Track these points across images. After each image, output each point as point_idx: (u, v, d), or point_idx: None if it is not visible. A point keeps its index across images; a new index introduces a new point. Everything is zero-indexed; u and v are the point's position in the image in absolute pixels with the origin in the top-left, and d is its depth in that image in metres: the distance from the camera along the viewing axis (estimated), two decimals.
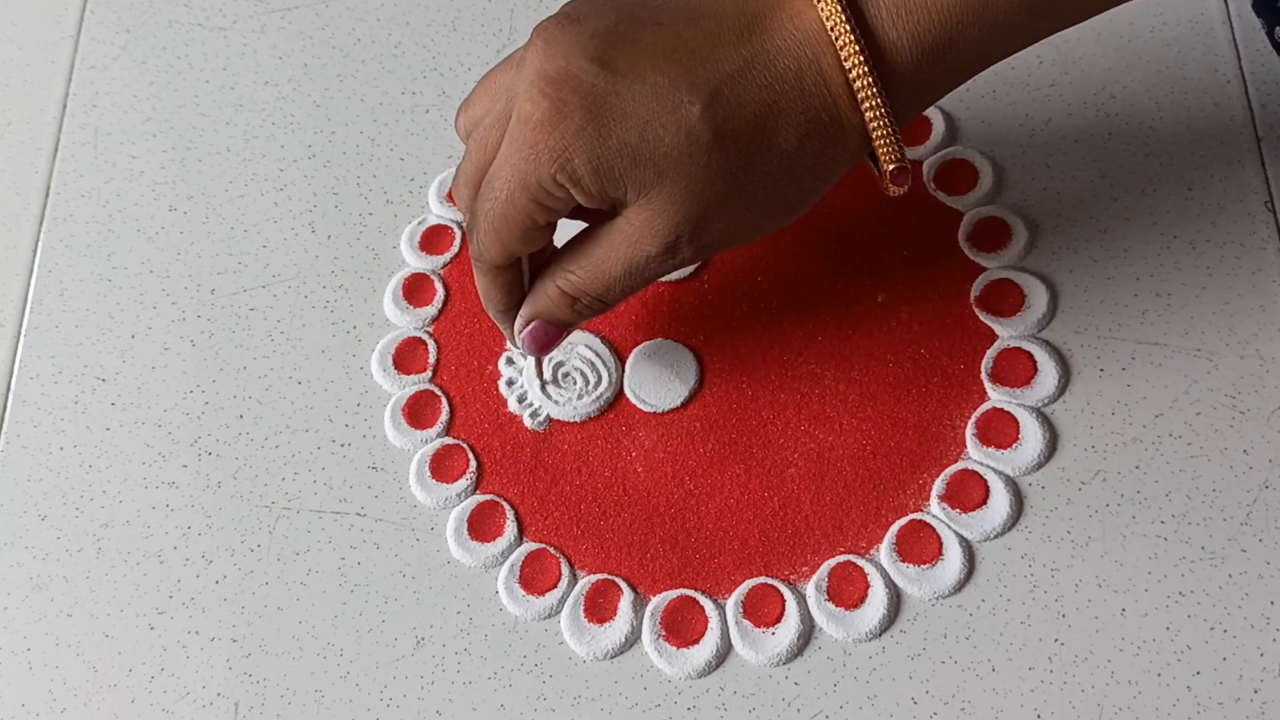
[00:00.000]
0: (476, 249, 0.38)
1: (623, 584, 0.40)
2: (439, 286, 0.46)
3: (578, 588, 0.41)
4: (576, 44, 0.34)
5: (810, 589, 0.40)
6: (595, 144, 0.34)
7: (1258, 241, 0.43)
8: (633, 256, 0.36)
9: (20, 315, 0.48)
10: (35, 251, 0.49)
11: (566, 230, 0.39)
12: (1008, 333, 0.43)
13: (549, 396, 0.42)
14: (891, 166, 0.35)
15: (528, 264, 0.39)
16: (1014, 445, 0.41)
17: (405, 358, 0.45)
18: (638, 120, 0.34)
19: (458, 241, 0.47)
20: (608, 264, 0.37)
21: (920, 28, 0.34)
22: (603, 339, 0.44)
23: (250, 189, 0.50)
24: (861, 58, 0.33)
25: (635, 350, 0.44)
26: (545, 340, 0.40)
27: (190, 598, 0.42)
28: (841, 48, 0.34)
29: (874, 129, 0.34)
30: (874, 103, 0.34)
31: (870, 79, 0.34)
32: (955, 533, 0.40)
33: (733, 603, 0.40)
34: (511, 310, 0.40)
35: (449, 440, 0.44)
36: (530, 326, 0.39)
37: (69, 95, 0.53)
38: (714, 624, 0.39)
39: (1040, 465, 0.41)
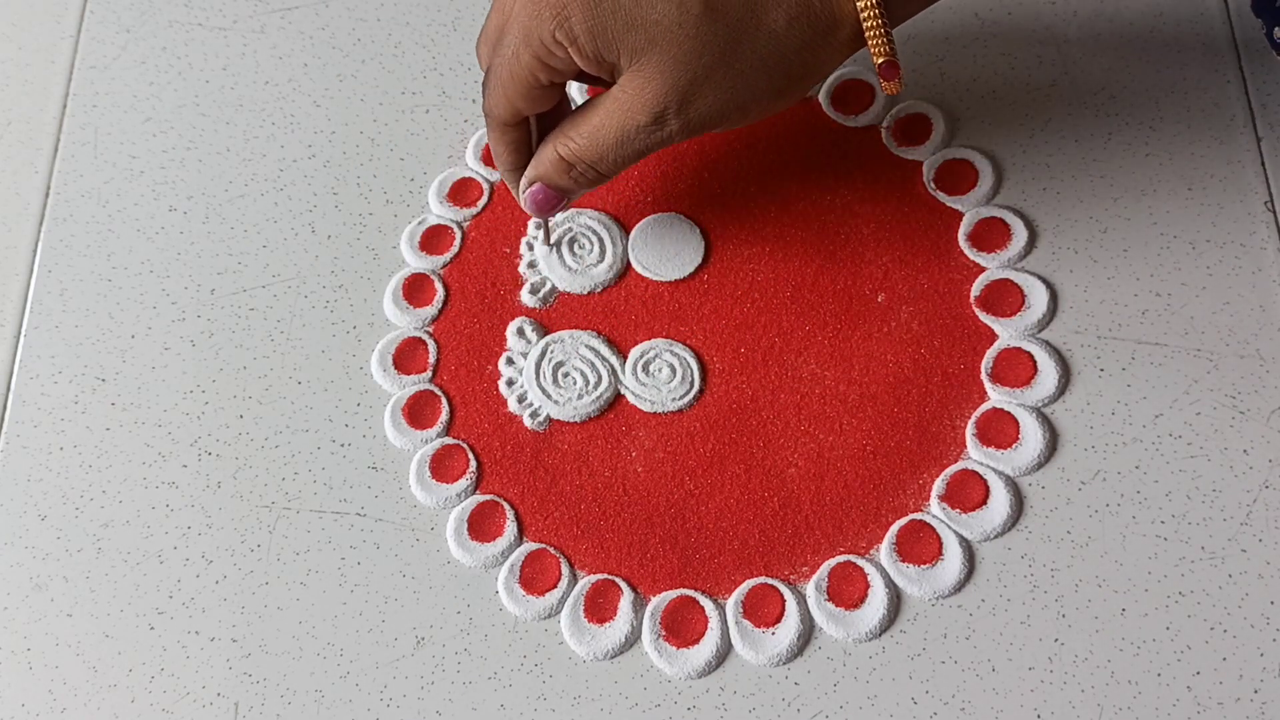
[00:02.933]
0: (487, 104, 0.40)
1: (623, 584, 0.40)
2: (439, 286, 0.46)
3: (578, 588, 0.41)
4: None
5: (810, 589, 0.40)
6: (592, 4, 0.36)
7: (1258, 241, 0.43)
8: (624, 125, 0.38)
9: (20, 315, 0.48)
10: (35, 251, 0.49)
11: None
12: (1008, 333, 0.43)
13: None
14: (881, 60, 0.36)
15: (536, 125, 0.41)
16: (1014, 445, 0.41)
17: (405, 358, 0.45)
18: None
19: (458, 241, 0.47)
20: (602, 132, 0.38)
21: None
22: (603, 338, 0.44)
23: (250, 189, 0.50)
24: None
25: (635, 353, 0.44)
26: (546, 203, 0.41)
27: (190, 598, 0.42)
28: None
29: (865, 19, 0.36)
30: None
31: None
32: (955, 533, 0.40)
33: (733, 603, 0.40)
34: (518, 170, 0.42)
35: (449, 440, 0.44)
36: (532, 188, 0.41)
37: (69, 95, 0.53)
38: (714, 624, 0.39)
39: (1040, 465, 0.41)
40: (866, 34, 0.36)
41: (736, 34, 0.36)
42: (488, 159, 0.49)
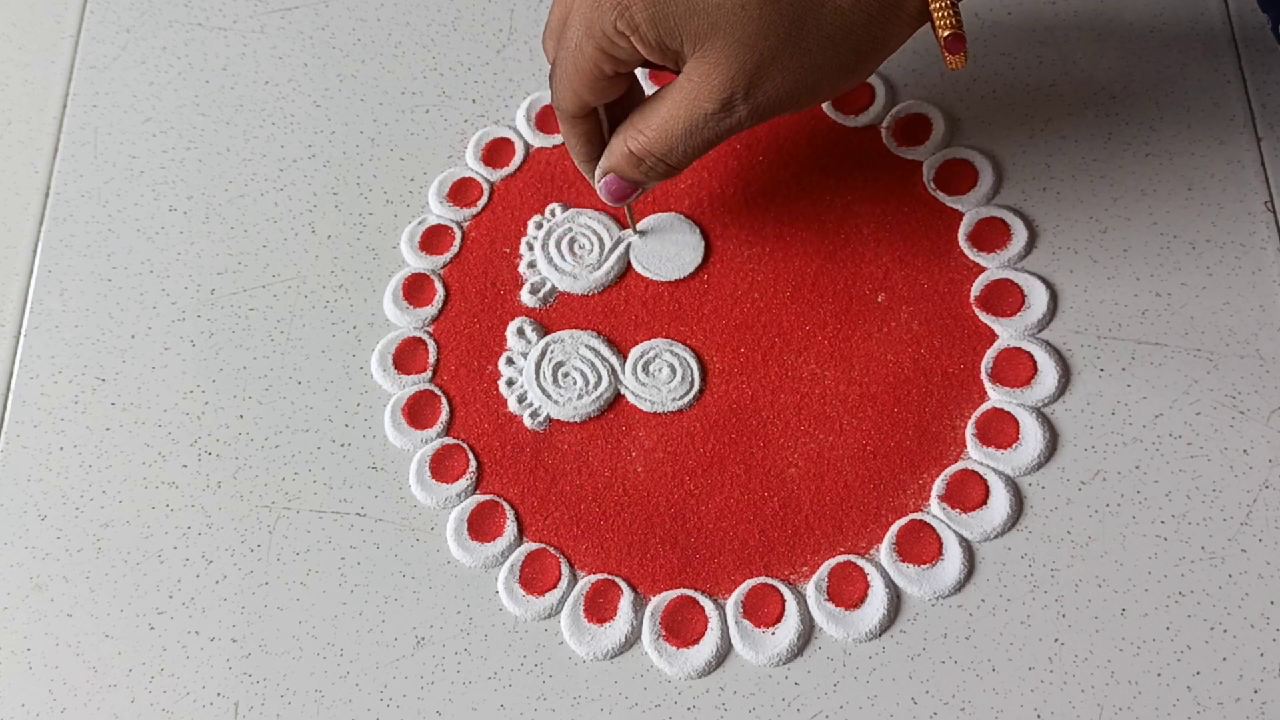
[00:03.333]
0: (555, 98, 0.40)
1: (623, 584, 0.40)
2: (439, 286, 0.46)
3: (578, 588, 0.41)
4: None
5: (810, 589, 0.40)
6: None
7: (1258, 241, 0.43)
8: (692, 114, 0.37)
9: (20, 315, 0.48)
10: (35, 251, 0.49)
11: None
12: (1008, 333, 0.43)
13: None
14: (947, 33, 0.36)
15: (606, 114, 0.41)
16: (1014, 445, 0.41)
17: (405, 358, 0.45)
18: None
19: (458, 241, 0.47)
20: (670, 123, 0.38)
21: None
22: (603, 338, 0.44)
23: (250, 189, 0.50)
24: None
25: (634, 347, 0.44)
26: (620, 193, 0.41)
27: (190, 598, 0.42)
28: None
29: None
30: None
31: None
32: (955, 533, 0.40)
33: (733, 603, 0.40)
34: (592, 160, 0.42)
35: (449, 440, 0.44)
36: (606, 179, 0.41)
37: (69, 95, 0.53)
38: (714, 624, 0.39)
39: (1040, 465, 0.41)
40: (931, 6, 0.35)
41: (801, 13, 0.35)
42: (488, 159, 0.49)
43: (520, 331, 0.45)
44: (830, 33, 0.35)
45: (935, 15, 0.36)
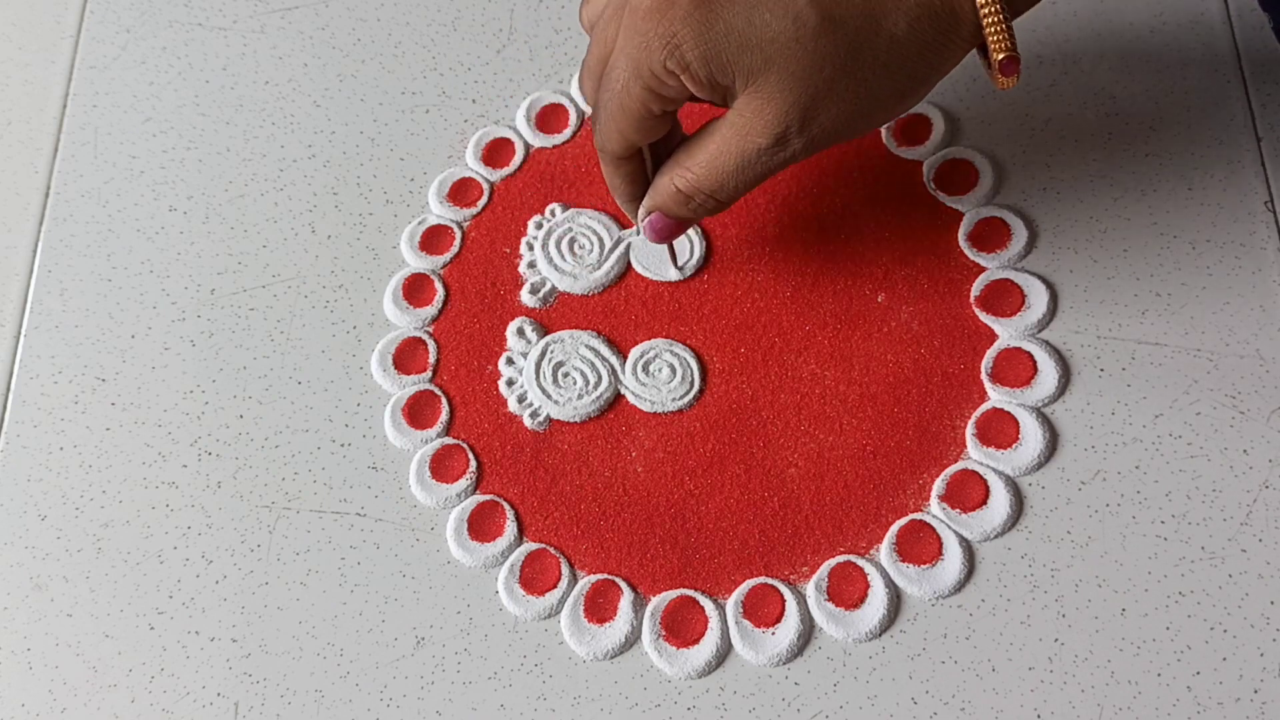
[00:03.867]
0: (599, 139, 0.39)
1: (623, 584, 0.40)
2: (439, 286, 0.46)
3: (578, 588, 0.41)
4: None
5: (810, 589, 0.40)
6: (703, 29, 0.34)
7: (1258, 241, 0.43)
8: (744, 150, 0.36)
9: (20, 315, 0.48)
10: (35, 251, 0.49)
11: None
12: (1008, 333, 0.43)
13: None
14: (1001, 56, 0.35)
15: (649, 153, 0.40)
16: (1014, 445, 0.41)
17: (405, 358, 0.45)
18: (744, 5, 0.34)
19: (458, 241, 0.47)
20: (720, 159, 0.37)
21: None
22: (603, 338, 0.44)
23: (250, 189, 0.50)
24: None
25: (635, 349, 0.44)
26: (666, 231, 0.40)
27: (190, 598, 0.42)
28: None
29: (985, 15, 0.34)
30: None
31: None
32: (955, 533, 0.40)
33: (733, 603, 0.40)
34: (635, 200, 0.41)
35: (449, 440, 0.44)
36: (651, 218, 0.40)
37: (69, 95, 0.53)
38: (714, 624, 0.39)
39: (1040, 465, 0.41)
40: (986, 30, 0.34)
41: (856, 44, 0.34)
42: (488, 159, 0.49)
43: (520, 331, 0.45)
44: (886, 61, 0.34)
45: (990, 39, 0.34)
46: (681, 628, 0.39)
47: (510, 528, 0.42)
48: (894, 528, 0.40)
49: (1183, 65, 0.47)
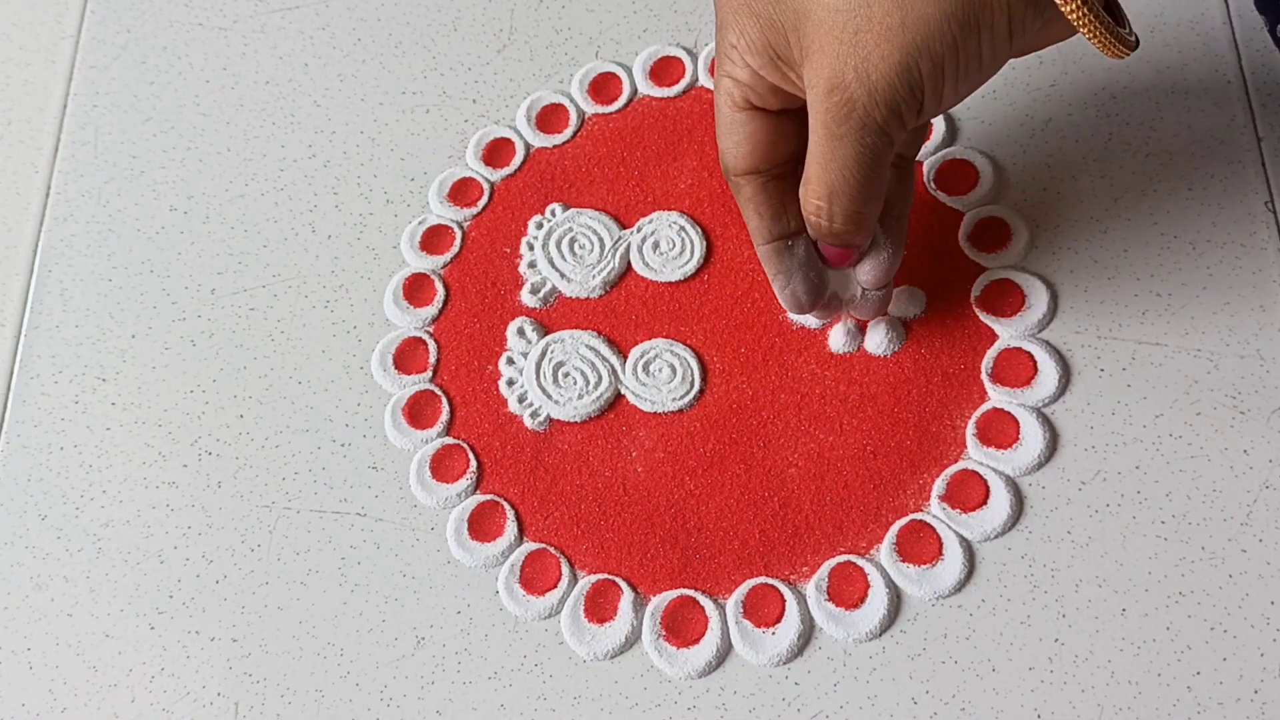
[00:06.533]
0: (723, 162, 0.38)
1: (623, 584, 0.40)
2: (439, 286, 0.46)
3: (578, 588, 0.41)
4: None
5: (810, 589, 0.40)
6: (749, 3, 0.34)
7: (1258, 241, 0.43)
8: (826, 128, 0.34)
9: (20, 315, 0.48)
10: (35, 251, 0.49)
11: None
12: (1008, 333, 0.43)
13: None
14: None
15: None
16: (1014, 445, 0.41)
17: (405, 358, 0.45)
18: None
19: (458, 241, 0.47)
20: (815, 156, 0.35)
21: None
22: (604, 338, 0.44)
23: (250, 189, 0.50)
24: None
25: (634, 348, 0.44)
26: (837, 257, 0.38)
27: (190, 598, 0.42)
28: None
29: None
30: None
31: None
32: (955, 533, 0.40)
33: (733, 603, 0.40)
34: (775, 238, 0.38)
35: (449, 440, 0.44)
36: (822, 248, 0.38)
37: (69, 95, 0.53)
38: (714, 624, 0.39)
39: (1040, 465, 0.41)
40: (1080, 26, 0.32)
41: None
42: (488, 159, 0.49)
43: (520, 331, 0.45)
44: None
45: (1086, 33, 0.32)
46: (682, 628, 0.39)
47: (510, 528, 0.42)
48: (894, 528, 0.40)
49: (1183, 66, 0.47)
